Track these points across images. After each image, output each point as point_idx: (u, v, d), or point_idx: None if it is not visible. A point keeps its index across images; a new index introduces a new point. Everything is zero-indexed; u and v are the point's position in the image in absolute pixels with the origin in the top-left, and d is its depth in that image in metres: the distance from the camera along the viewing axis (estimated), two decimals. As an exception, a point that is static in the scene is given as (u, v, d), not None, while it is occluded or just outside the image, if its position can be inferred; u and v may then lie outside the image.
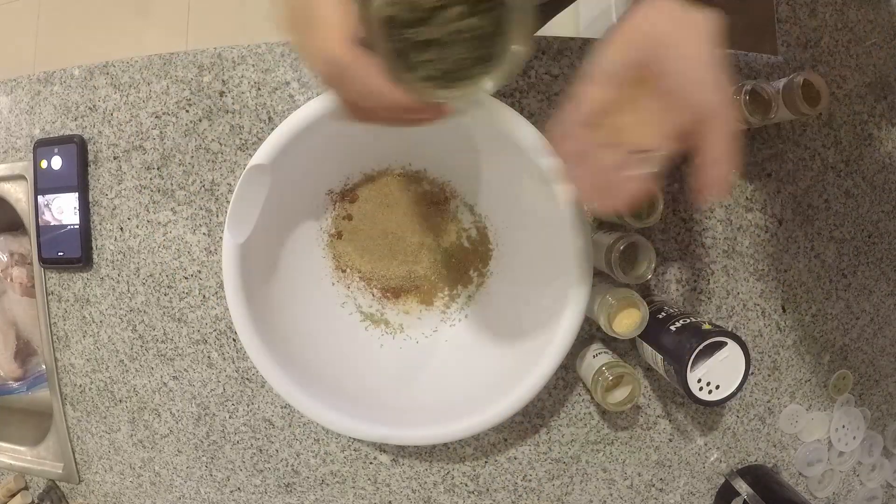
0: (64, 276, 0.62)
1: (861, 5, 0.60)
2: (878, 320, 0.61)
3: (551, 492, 0.60)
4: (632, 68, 0.37)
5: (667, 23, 0.36)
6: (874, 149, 0.60)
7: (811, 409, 0.61)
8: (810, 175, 0.59)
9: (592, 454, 0.59)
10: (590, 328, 0.57)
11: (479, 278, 0.58)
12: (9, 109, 0.62)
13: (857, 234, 0.60)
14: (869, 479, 0.63)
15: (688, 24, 0.36)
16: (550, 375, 0.49)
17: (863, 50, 0.60)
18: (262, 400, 0.60)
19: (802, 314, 0.60)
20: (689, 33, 0.36)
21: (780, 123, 0.58)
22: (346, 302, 0.58)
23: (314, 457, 0.60)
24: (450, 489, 0.60)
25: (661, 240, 0.57)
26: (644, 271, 0.50)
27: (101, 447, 0.63)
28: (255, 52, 0.57)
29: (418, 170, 0.56)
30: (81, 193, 0.60)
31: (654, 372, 0.58)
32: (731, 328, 0.59)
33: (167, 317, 0.60)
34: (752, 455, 0.61)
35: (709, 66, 0.35)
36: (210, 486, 0.62)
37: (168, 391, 0.61)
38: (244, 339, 0.50)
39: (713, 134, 0.36)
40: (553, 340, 0.49)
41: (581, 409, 0.59)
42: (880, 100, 0.60)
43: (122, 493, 0.64)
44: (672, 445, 0.60)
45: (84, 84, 0.60)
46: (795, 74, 0.49)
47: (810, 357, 0.60)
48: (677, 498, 0.61)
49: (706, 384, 0.46)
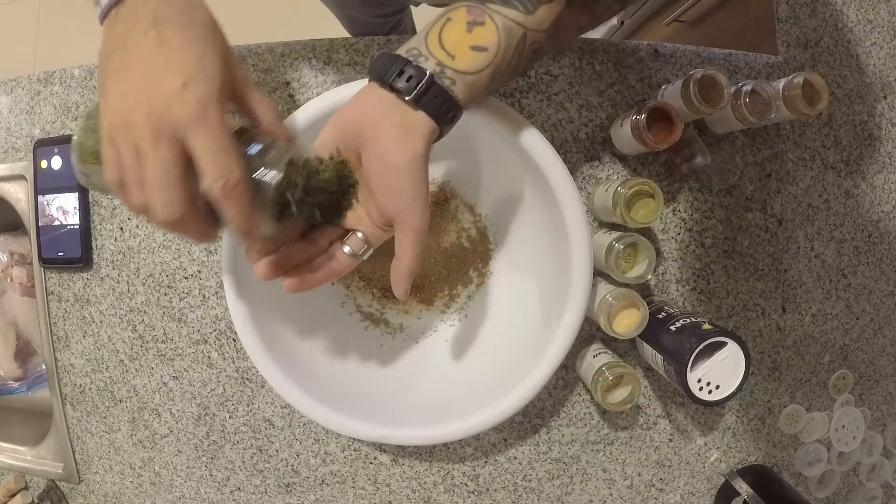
0: (64, 276, 0.62)
1: (861, 5, 0.60)
2: (878, 320, 0.61)
3: (551, 492, 0.60)
4: (344, 152, 0.38)
5: (374, 115, 0.36)
6: (874, 149, 0.60)
7: (811, 409, 0.61)
8: (810, 175, 0.59)
9: (592, 454, 0.59)
10: (590, 328, 0.57)
11: (479, 278, 0.58)
12: (9, 109, 0.62)
13: (857, 234, 0.60)
14: (869, 479, 0.63)
15: (392, 122, 0.35)
16: (550, 375, 0.49)
17: (863, 50, 0.60)
18: (262, 400, 0.60)
19: (802, 314, 0.60)
20: (391, 132, 0.35)
21: (780, 123, 0.58)
22: (346, 302, 0.58)
23: (314, 457, 0.60)
24: (450, 489, 0.60)
25: (661, 240, 0.57)
26: (644, 271, 0.50)
27: (101, 447, 0.63)
28: (254, 53, 0.57)
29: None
30: (81, 193, 0.60)
31: (654, 372, 0.58)
32: (731, 328, 0.59)
33: (167, 317, 0.60)
34: (752, 455, 0.61)
35: (400, 171, 0.35)
36: (210, 486, 0.62)
37: (168, 391, 0.61)
38: (244, 339, 0.50)
39: (399, 234, 0.37)
40: (553, 340, 0.49)
41: (581, 409, 0.59)
42: (880, 100, 0.60)
43: (122, 493, 0.64)
44: (672, 445, 0.60)
45: (84, 84, 0.60)
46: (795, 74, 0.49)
47: (810, 357, 0.60)
48: (677, 498, 0.61)
49: (706, 384, 0.46)
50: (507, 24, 0.35)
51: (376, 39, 0.56)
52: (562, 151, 0.56)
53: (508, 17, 0.36)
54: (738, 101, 0.49)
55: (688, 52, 0.57)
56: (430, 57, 0.35)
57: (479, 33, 0.35)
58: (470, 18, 0.36)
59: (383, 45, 0.56)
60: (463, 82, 0.36)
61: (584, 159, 0.56)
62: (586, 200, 0.57)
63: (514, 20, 0.36)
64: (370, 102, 0.36)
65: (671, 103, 0.49)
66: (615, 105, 0.56)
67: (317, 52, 0.56)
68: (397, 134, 0.35)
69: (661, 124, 0.49)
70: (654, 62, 0.56)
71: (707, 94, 0.48)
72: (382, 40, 0.56)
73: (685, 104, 0.48)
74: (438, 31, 0.36)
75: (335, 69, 0.57)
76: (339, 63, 0.57)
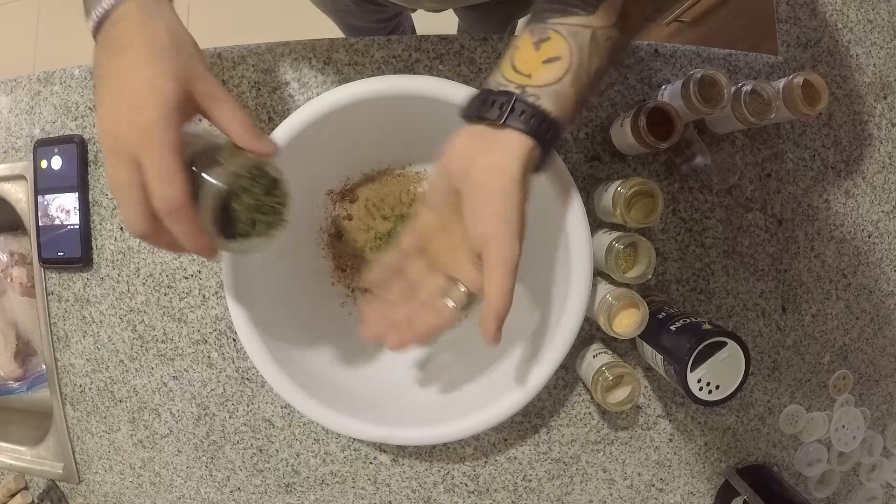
0: (64, 276, 0.62)
1: (861, 5, 0.60)
2: (878, 320, 0.61)
3: (551, 492, 0.60)
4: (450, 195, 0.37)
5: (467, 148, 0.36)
6: (874, 149, 0.60)
7: (811, 409, 0.61)
8: (810, 175, 0.59)
9: (592, 454, 0.59)
10: (590, 328, 0.57)
11: (479, 278, 0.58)
12: (9, 109, 0.62)
13: (857, 234, 0.60)
14: (869, 479, 0.63)
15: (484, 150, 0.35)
16: (551, 375, 0.49)
17: (863, 50, 0.60)
18: (262, 400, 0.60)
19: (802, 314, 0.60)
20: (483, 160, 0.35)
21: (780, 123, 0.58)
22: (346, 302, 0.58)
23: (314, 457, 0.60)
24: (450, 489, 0.60)
25: (661, 240, 0.57)
26: (644, 271, 0.50)
27: (101, 447, 0.63)
28: (254, 52, 0.57)
29: (418, 170, 0.56)
30: (81, 193, 0.60)
31: (654, 372, 0.58)
32: (731, 328, 0.59)
33: (167, 317, 0.60)
34: (752, 455, 0.61)
35: (490, 195, 0.34)
36: (210, 486, 0.62)
37: (168, 391, 0.61)
38: (244, 339, 0.50)
39: (486, 267, 0.35)
40: (553, 340, 0.49)
41: (581, 409, 0.59)
42: (880, 100, 0.60)
43: (122, 493, 0.64)
44: (672, 445, 0.60)
45: (84, 84, 0.60)
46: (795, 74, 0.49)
47: (810, 357, 0.60)
48: (677, 498, 0.61)
49: (706, 384, 0.46)
50: (572, 30, 0.35)
51: (376, 40, 0.56)
52: (562, 151, 0.56)
53: (572, 24, 0.36)
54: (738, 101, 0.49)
55: (688, 52, 0.57)
56: (509, 84, 0.36)
57: (548, 47, 0.36)
58: (535, 39, 0.36)
59: (383, 45, 0.56)
60: (546, 94, 0.35)
61: (584, 159, 0.56)
62: (586, 200, 0.57)
63: (578, 24, 0.36)
64: (463, 139, 0.36)
65: (671, 103, 0.49)
66: (615, 105, 0.56)
67: (317, 52, 0.56)
68: (489, 161, 0.34)
69: (661, 124, 0.49)
70: (654, 62, 0.56)
71: (707, 94, 0.48)
72: (382, 40, 0.56)
73: (685, 104, 0.48)
74: (510, 60, 0.37)
75: (335, 69, 0.57)
76: (339, 63, 0.57)
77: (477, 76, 0.56)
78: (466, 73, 0.56)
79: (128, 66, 0.33)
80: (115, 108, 0.33)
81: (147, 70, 0.33)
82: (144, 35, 0.34)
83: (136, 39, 0.34)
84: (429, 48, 0.56)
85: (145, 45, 0.33)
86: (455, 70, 0.56)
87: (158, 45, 0.34)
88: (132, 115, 0.33)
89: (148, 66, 0.33)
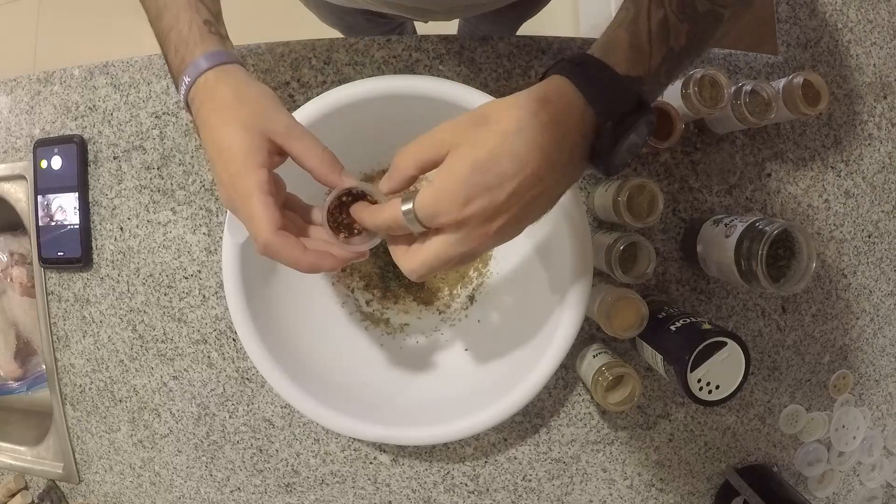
0: (64, 276, 0.62)
1: (861, 5, 0.60)
2: (878, 320, 0.61)
3: (551, 492, 0.60)
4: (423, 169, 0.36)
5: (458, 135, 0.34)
6: (874, 149, 0.60)
7: (811, 409, 0.61)
8: (810, 175, 0.59)
9: (592, 454, 0.59)
10: (590, 328, 0.57)
11: (479, 278, 0.58)
12: (9, 109, 0.62)
13: (857, 234, 0.60)
14: (869, 479, 0.63)
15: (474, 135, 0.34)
16: (550, 375, 0.49)
17: (863, 50, 0.60)
18: (262, 400, 0.60)
19: (802, 314, 0.60)
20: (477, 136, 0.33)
21: (780, 123, 0.58)
22: (346, 301, 0.58)
23: (314, 457, 0.60)
24: (450, 489, 0.60)
25: (661, 240, 0.57)
26: (644, 271, 0.50)
27: (101, 447, 0.63)
28: (255, 52, 0.57)
29: (418, 170, 0.56)
30: (81, 193, 0.60)
31: (654, 372, 0.58)
32: (731, 328, 0.59)
33: (167, 317, 0.60)
34: (752, 455, 0.61)
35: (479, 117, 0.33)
36: (210, 486, 0.62)
37: (168, 391, 0.61)
38: (244, 339, 0.50)
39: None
40: (553, 340, 0.49)
41: (581, 409, 0.59)
42: (880, 100, 0.60)
43: (122, 493, 0.64)
44: (672, 445, 0.60)
45: (84, 84, 0.60)
46: (795, 74, 0.49)
47: (810, 357, 0.60)
48: (677, 498, 0.61)
49: (706, 384, 0.46)
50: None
51: (376, 40, 0.56)
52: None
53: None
54: (738, 101, 0.49)
55: (688, 52, 0.57)
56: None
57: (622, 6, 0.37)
58: None
59: (383, 45, 0.56)
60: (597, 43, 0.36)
61: (584, 159, 0.56)
62: (586, 200, 0.57)
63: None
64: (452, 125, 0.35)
65: (671, 103, 0.49)
66: (615, 105, 0.56)
67: (317, 52, 0.56)
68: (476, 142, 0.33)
69: (661, 124, 0.49)
70: (654, 62, 0.56)
71: (707, 94, 0.48)
72: (382, 40, 0.56)
73: (685, 104, 0.48)
74: None
75: (335, 69, 0.57)
76: (339, 63, 0.57)
77: (477, 76, 0.56)
78: (466, 73, 0.56)
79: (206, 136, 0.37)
80: (216, 172, 0.37)
81: (221, 131, 0.36)
82: (213, 104, 0.37)
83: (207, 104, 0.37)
84: (429, 48, 0.56)
85: (214, 111, 0.37)
86: (455, 70, 0.56)
87: (226, 107, 0.37)
88: (223, 174, 0.36)
89: (220, 128, 0.36)
